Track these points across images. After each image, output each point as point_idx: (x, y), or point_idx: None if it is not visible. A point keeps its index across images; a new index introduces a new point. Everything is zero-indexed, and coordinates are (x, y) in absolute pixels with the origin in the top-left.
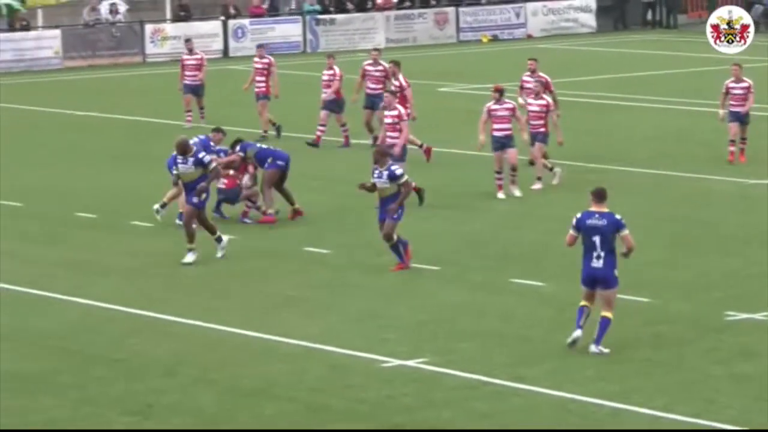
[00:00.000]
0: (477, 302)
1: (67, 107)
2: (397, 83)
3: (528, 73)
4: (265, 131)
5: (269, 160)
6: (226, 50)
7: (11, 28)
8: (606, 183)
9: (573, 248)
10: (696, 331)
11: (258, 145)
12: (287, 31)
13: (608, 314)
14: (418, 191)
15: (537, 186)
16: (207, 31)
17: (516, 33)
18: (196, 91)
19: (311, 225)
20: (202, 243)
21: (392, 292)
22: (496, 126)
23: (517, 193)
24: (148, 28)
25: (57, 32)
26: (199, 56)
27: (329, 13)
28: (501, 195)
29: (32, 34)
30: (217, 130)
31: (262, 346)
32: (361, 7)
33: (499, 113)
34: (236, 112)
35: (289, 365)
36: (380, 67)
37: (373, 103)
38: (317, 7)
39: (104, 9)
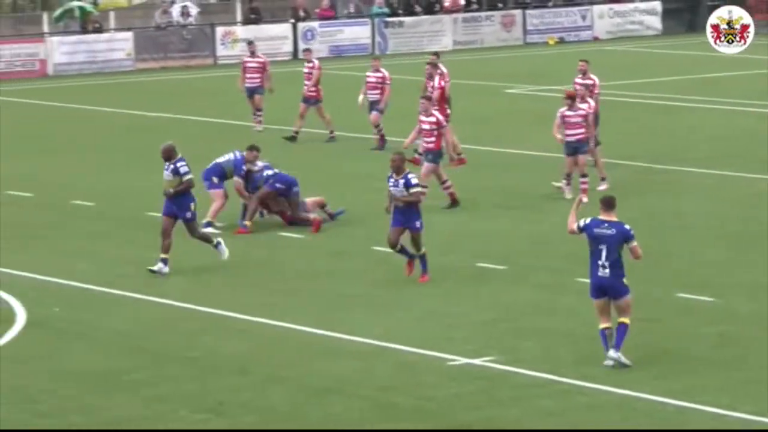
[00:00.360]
0: (543, 301)
1: (139, 108)
2: (432, 83)
3: (579, 75)
4: (332, 131)
5: (270, 181)
6: (295, 52)
7: (84, 30)
8: (671, 183)
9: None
10: (760, 330)
11: (264, 174)
12: (356, 33)
13: (625, 320)
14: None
15: (603, 186)
16: (277, 33)
17: (582, 35)
18: (255, 92)
19: (378, 225)
20: (267, 244)
21: (459, 291)
22: (569, 132)
23: (585, 199)
24: (219, 30)
25: (129, 34)
26: (261, 59)
27: (397, 15)
28: (568, 195)
29: (105, 36)
30: (252, 147)
31: (331, 345)
32: (429, 10)
33: (573, 119)
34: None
35: (357, 363)
36: (439, 70)
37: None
38: (385, 10)
39: (176, 12)
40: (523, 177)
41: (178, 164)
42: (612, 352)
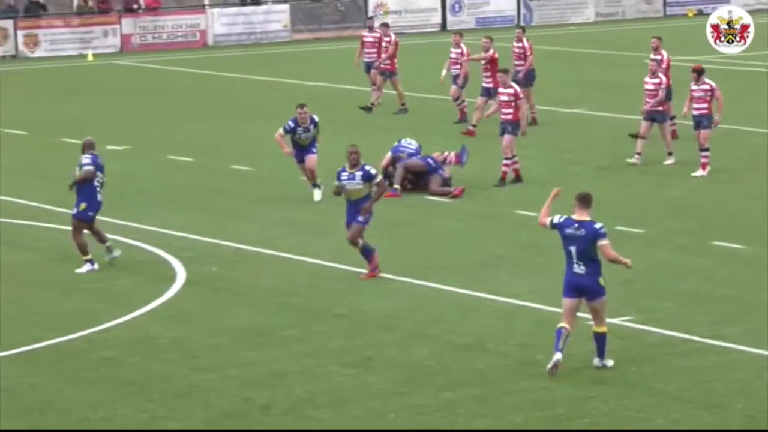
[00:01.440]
0: (679, 264)
1: (295, 77)
2: (486, 55)
3: (652, 51)
4: (404, 104)
5: (425, 156)
6: (444, 24)
7: (243, 3)
8: None
9: None
10: None
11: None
12: (502, 5)
13: (602, 329)
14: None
15: (669, 161)
16: (426, 5)
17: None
18: (372, 67)
19: (521, 189)
20: (415, 207)
21: None
22: (694, 105)
23: (698, 173)
24: (371, 2)
25: (285, 7)
26: (377, 34)
27: None
28: (698, 173)
29: (262, 8)
30: (301, 105)
31: (474, 303)
32: None
33: (696, 94)
34: (429, 82)
35: (499, 321)
36: (520, 44)
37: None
38: None
39: None
40: (661, 145)
41: (83, 159)
42: (596, 361)
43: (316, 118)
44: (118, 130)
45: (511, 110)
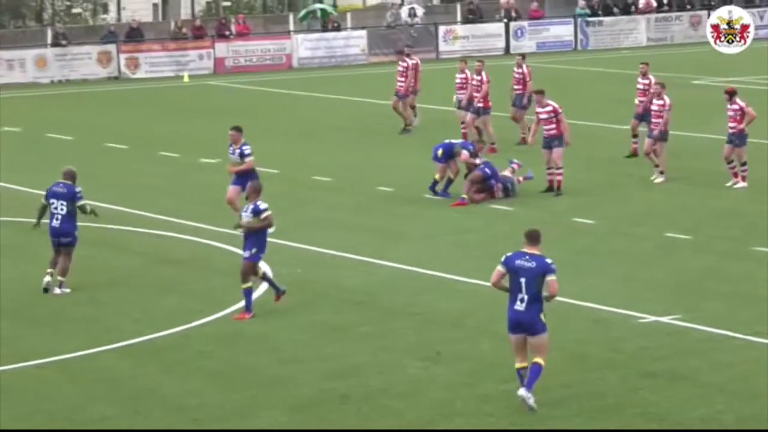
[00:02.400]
0: (723, 267)
1: (371, 97)
2: (479, 78)
3: (640, 76)
4: (409, 124)
5: (483, 166)
6: (507, 48)
7: (324, 29)
8: None
9: None
10: None
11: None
12: (560, 31)
13: (540, 360)
14: (551, 185)
15: (660, 179)
16: (491, 31)
17: (761, 33)
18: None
19: (579, 198)
20: (481, 215)
21: (650, 257)
22: (728, 124)
23: (739, 185)
24: (441, 29)
25: (363, 32)
26: (405, 63)
27: (597, 15)
28: (732, 184)
29: (342, 34)
30: (232, 128)
31: None
32: (625, 11)
33: (728, 113)
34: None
35: (556, 319)
36: (520, 70)
37: (516, 100)
38: (587, 11)
39: (404, 12)
40: (706, 158)
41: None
42: (522, 391)
43: (247, 150)
44: (211, 145)
45: (553, 125)
